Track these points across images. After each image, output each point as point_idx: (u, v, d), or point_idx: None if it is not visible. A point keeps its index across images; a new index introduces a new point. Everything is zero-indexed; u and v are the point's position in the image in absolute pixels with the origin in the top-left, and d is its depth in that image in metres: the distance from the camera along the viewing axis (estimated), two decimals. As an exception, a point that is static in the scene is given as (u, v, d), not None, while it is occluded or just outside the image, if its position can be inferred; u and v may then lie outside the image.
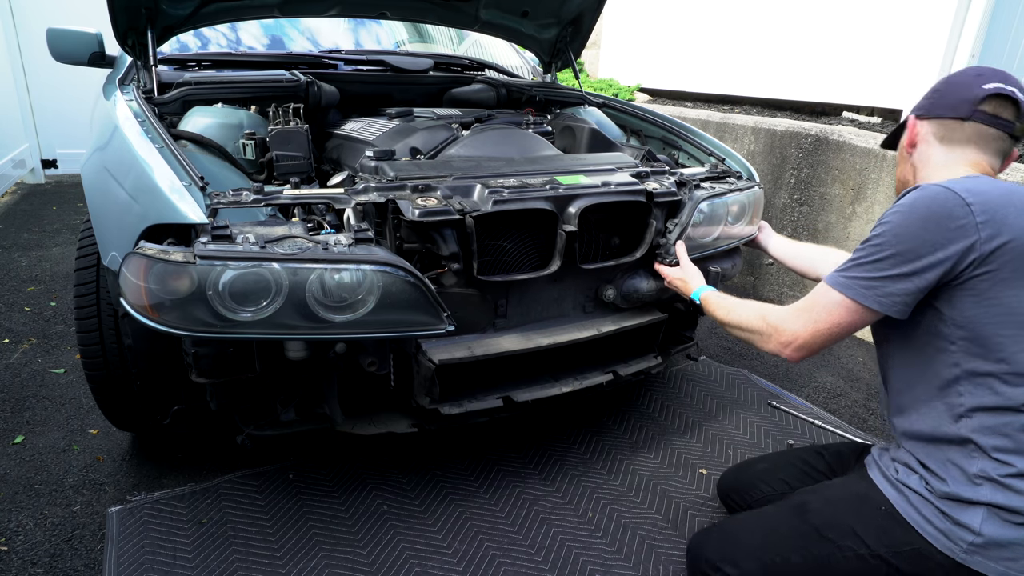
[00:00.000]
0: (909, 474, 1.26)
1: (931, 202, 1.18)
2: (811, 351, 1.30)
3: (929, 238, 1.16)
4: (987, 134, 1.28)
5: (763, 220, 2.08)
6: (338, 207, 1.51)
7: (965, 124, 1.29)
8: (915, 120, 1.38)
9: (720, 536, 1.42)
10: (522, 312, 1.77)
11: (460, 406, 1.66)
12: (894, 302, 1.20)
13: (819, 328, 1.27)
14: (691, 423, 2.22)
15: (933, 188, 1.19)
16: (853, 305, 1.23)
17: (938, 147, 1.33)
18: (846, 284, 1.24)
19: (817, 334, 1.28)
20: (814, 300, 1.28)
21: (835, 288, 1.25)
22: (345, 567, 1.56)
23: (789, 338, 1.30)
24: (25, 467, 1.91)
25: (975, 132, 1.29)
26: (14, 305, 3.02)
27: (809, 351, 1.30)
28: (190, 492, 1.80)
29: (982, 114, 1.27)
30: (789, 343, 1.30)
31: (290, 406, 1.63)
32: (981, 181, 1.21)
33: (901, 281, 1.18)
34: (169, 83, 2.02)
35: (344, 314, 1.35)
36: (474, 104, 2.55)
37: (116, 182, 1.54)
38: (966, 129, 1.29)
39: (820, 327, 1.27)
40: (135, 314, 1.29)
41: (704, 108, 4.57)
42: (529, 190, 1.62)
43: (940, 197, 1.17)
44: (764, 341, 1.35)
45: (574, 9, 2.59)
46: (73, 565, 1.57)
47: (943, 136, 1.33)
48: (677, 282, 1.73)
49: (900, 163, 1.43)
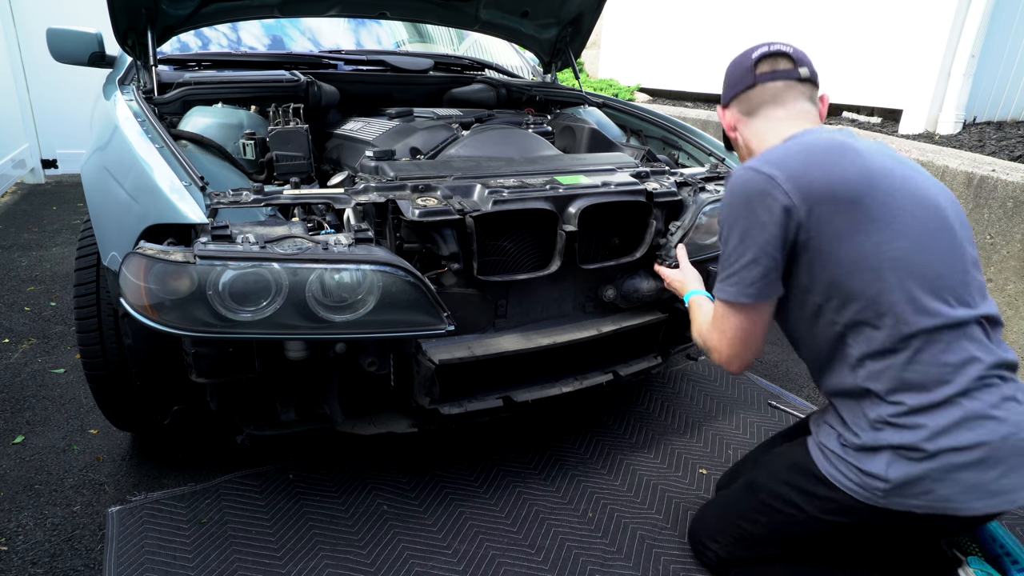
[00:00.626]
0: (829, 433, 1.34)
1: (742, 188, 1.28)
2: (742, 359, 1.37)
3: (753, 221, 1.26)
4: (776, 89, 1.39)
5: None
6: (338, 207, 1.51)
7: (754, 90, 1.41)
8: (722, 111, 1.52)
9: (701, 516, 1.60)
10: (522, 312, 1.77)
11: (460, 406, 1.66)
12: (759, 289, 1.28)
13: (730, 338, 1.35)
14: (691, 423, 2.22)
15: (739, 173, 1.30)
16: (736, 306, 1.31)
17: (749, 121, 1.45)
18: (720, 290, 1.33)
19: (732, 344, 1.35)
20: (714, 315, 1.38)
21: (718, 299, 1.35)
22: (345, 567, 1.56)
23: (717, 356, 1.39)
24: (25, 467, 1.91)
25: (765, 92, 1.40)
26: (14, 305, 3.02)
27: (741, 360, 1.37)
28: (190, 492, 1.80)
29: (764, 75, 1.39)
30: (721, 361, 1.39)
31: (290, 406, 1.63)
32: (787, 145, 1.30)
33: (752, 268, 1.27)
34: (169, 83, 2.02)
35: (344, 314, 1.35)
36: (474, 104, 2.55)
37: (116, 182, 1.54)
38: (758, 93, 1.41)
39: (729, 337, 1.35)
40: (135, 314, 1.29)
41: (704, 108, 4.57)
42: (529, 190, 1.62)
43: (747, 180, 1.27)
44: (713, 359, 1.43)
45: (574, 9, 2.59)
46: (73, 565, 1.57)
47: (747, 110, 1.44)
48: (675, 284, 1.73)
49: (739, 154, 1.55)
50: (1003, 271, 2.50)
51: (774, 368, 2.68)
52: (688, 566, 1.60)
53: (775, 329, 1.44)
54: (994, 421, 1.19)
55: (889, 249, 1.21)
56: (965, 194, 2.58)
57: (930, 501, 1.20)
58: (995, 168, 2.55)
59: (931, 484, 1.19)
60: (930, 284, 1.22)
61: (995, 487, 1.19)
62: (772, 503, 1.40)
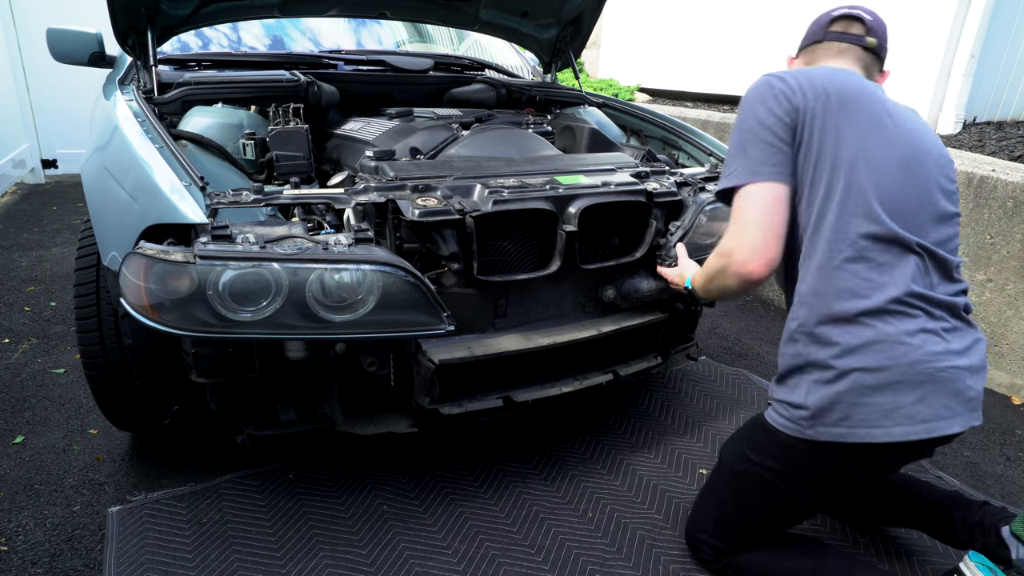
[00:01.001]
0: (772, 385, 1.41)
1: (755, 86, 1.35)
2: (765, 251, 1.27)
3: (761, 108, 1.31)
4: (839, 48, 1.46)
5: None
6: (338, 207, 1.51)
7: (821, 45, 1.49)
8: (791, 60, 1.61)
9: (693, 510, 1.62)
10: (522, 312, 1.77)
11: (460, 406, 1.66)
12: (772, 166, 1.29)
13: (753, 223, 1.28)
14: (691, 423, 2.22)
15: (755, 81, 1.36)
16: (757, 186, 1.29)
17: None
18: (735, 176, 1.32)
19: (751, 231, 1.28)
20: (733, 211, 1.34)
21: (735, 188, 1.32)
22: (345, 567, 1.56)
23: (738, 256, 1.29)
24: (25, 467, 1.91)
25: (830, 48, 1.47)
26: (14, 305, 3.02)
27: (763, 252, 1.27)
28: (190, 492, 1.80)
29: (833, 33, 1.46)
30: (745, 257, 1.28)
31: (290, 406, 1.63)
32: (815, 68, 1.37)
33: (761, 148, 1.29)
34: (169, 83, 2.02)
35: (344, 314, 1.35)
36: (474, 104, 2.55)
37: (116, 182, 1.54)
38: (823, 48, 1.48)
39: (753, 221, 1.28)
40: (135, 314, 1.29)
41: (704, 108, 4.57)
42: (529, 190, 1.62)
43: (760, 80, 1.36)
44: (726, 275, 1.34)
45: (574, 9, 2.59)
46: (73, 565, 1.57)
47: (808, 62, 1.52)
48: (676, 279, 1.73)
49: None
50: (1003, 271, 2.50)
51: (774, 368, 2.68)
52: (688, 566, 1.60)
53: (775, 328, 1.44)
54: (905, 346, 1.22)
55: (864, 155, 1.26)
56: (965, 194, 2.58)
57: (850, 427, 1.23)
58: (995, 168, 2.55)
59: (847, 408, 1.23)
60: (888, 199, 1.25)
61: (910, 412, 1.21)
62: (734, 467, 1.45)
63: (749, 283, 1.31)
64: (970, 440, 2.23)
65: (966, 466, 2.08)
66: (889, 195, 1.25)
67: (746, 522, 1.47)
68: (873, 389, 1.22)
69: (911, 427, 1.22)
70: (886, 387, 1.21)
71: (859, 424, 1.23)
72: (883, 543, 1.70)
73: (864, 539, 1.71)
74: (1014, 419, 2.38)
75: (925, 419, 1.22)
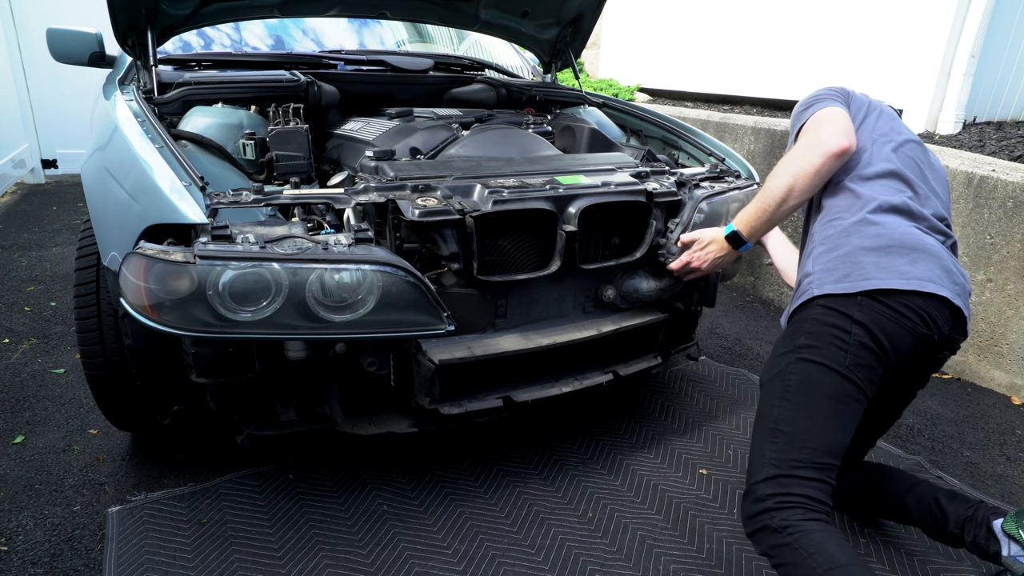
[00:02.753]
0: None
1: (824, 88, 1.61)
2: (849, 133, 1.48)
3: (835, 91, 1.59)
4: None
5: None
6: (338, 207, 1.51)
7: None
8: None
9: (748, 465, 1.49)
10: (522, 312, 1.77)
11: (460, 406, 1.66)
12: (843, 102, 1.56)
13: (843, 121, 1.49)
14: (691, 423, 2.22)
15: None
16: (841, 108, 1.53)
17: None
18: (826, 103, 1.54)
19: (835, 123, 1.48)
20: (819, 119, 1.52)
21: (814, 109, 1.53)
22: (345, 567, 1.56)
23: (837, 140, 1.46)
24: (25, 467, 1.91)
25: None
26: (14, 305, 3.02)
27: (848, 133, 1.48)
28: (190, 492, 1.80)
29: None
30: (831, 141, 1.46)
31: (290, 406, 1.63)
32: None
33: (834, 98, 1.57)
34: (169, 83, 2.02)
35: (344, 314, 1.35)
36: (474, 104, 2.55)
37: (116, 182, 1.54)
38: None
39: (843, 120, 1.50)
40: (135, 314, 1.29)
41: (704, 108, 4.57)
42: (529, 190, 1.62)
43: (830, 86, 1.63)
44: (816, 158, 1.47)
45: (574, 9, 2.59)
46: (73, 565, 1.57)
47: None
48: (707, 248, 1.72)
49: None
50: (1003, 271, 2.50)
51: (774, 368, 2.68)
52: (688, 566, 1.60)
53: (775, 328, 1.45)
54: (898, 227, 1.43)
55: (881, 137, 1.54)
56: (965, 194, 2.58)
57: (851, 281, 1.39)
58: (995, 168, 2.54)
59: (848, 268, 1.40)
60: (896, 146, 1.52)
61: (903, 270, 1.37)
62: (772, 375, 1.49)
63: (833, 157, 1.47)
64: (970, 440, 2.23)
65: (966, 466, 2.08)
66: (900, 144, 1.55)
67: (805, 426, 1.37)
68: (868, 251, 1.40)
69: (905, 280, 1.36)
70: (880, 249, 1.40)
71: (860, 278, 1.38)
72: (883, 543, 1.70)
73: (864, 539, 1.71)
74: (1014, 419, 2.38)
75: (918, 276, 1.37)
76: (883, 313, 1.37)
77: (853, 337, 1.38)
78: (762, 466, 1.39)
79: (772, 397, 1.47)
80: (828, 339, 1.40)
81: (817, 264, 1.46)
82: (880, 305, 1.37)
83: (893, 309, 1.37)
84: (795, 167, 1.49)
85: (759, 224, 1.59)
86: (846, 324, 1.38)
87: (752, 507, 1.38)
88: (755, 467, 1.43)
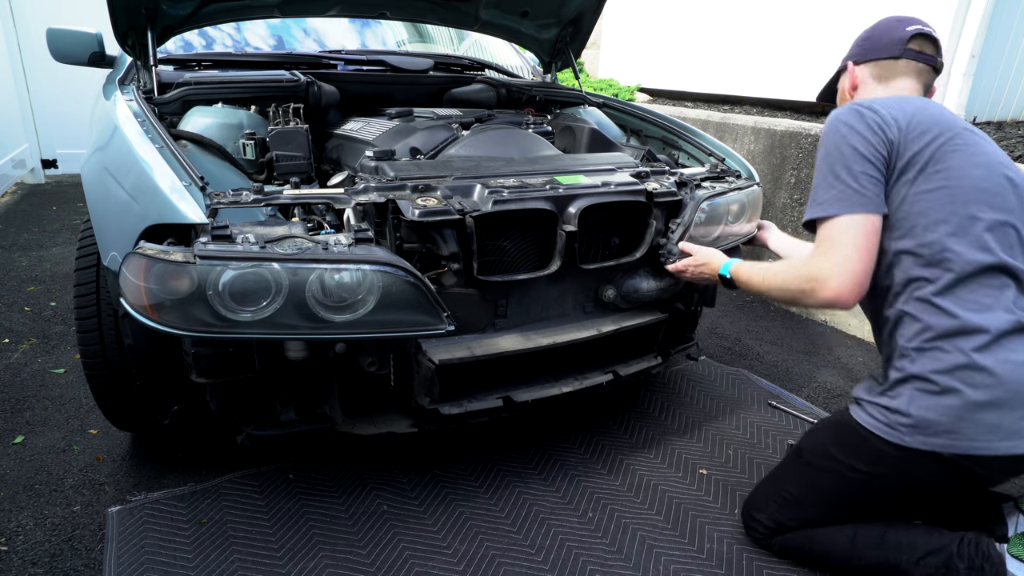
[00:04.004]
0: (865, 385, 1.45)
1: (843, 114, 1.37)
2: (859, 280, 1.32)
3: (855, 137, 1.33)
4: (917, 68, 1.48)
5: (766, 220, 2.08)
6: (338, 207, 1.51)
7: (899, 62, 1.48)
8: (853, 66, 1.55)
9: (753, 492, 1.67)
10: (522, 312, 1.77)
11: (460, 406, 1.66)
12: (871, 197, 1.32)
13: (848, 253, 1.31)
14: (691, 423, 2.22)
15: (841, 110, 1.39)
16: (854, 217, 1.31)
17: (876, 86, 1.51)
18: (831, 203, 1.34)
19: (849, 260, 1.31)
20: (824, 236, 1.36)
21: (829, 214, 1.34)
22: (345, 567, 1.56)
23: (833, 285, 1.31)
24: (25, 467, 1.91)
25: (907, 67, 1.48)
26: (14, 305, 3.02)
27: (858, 281, 1.31)
28: (190, 492, 1.80)
29: (911, 51, 1.47)
30: (833, 289, 1.32)
31: (290, 406, 1.63)
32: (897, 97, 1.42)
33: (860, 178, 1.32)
34: (169, 83, 2.02)
35: (344, 314, 1.35)
36: (474, 104, 2.55)
37: (116, 182, 1.54)
38: (899, 66, 1.48)
39: (849, 251, 1.31)
40: (135, 314, 1.29)
41: (704, 108, 4.57)
42: (529, 190, 1.62)
43: (847, 108, 1.38)
44: (811, 297, 1.38)
45: (574, 9, 2.59)
46: (73, 565, 1.57)
47: (880, 75, 1.51)
48: (701, 268, 1.72)
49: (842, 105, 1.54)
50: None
51: (774, 368, 2.68)
52: (688, 566, 1.60)
53: (775, 328, 1.45)
54: (1013, 364, 1.24)
55: (959, 185, 1.30)
56: (965, 194, 2.58)
57: (953, 440, 1.26)
58: (995, 168, 2.54)
59: (952, 422, 1.25)
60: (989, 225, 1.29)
61: (1016, 428, 1.23)
62: (814, 461, 1.48)
63: (830, 307, 1.41)
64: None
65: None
66: (994, 223, 1.30)
67: (810, 512, 1.51)
68: (980, 406, 1.24)
69: (1015, 441, 1.24)
70: (993, 405, 1.24)
71: (963, 438, 1.25)
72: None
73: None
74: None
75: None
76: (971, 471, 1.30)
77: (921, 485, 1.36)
78: (764, 508, 1.59)
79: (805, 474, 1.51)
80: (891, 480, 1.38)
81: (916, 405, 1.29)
82: (966, 465, 1.28)
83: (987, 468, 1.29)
84: (793, 289, 1.41)
85: (751, 286, 1.58)
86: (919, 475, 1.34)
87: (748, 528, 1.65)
88: (760, 501, 1.61)
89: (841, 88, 1.61)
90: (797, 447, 1.58)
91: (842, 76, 1.61)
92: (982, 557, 1.33)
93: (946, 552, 1.36)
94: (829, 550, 1.50)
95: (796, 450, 1.57)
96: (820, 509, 1.50)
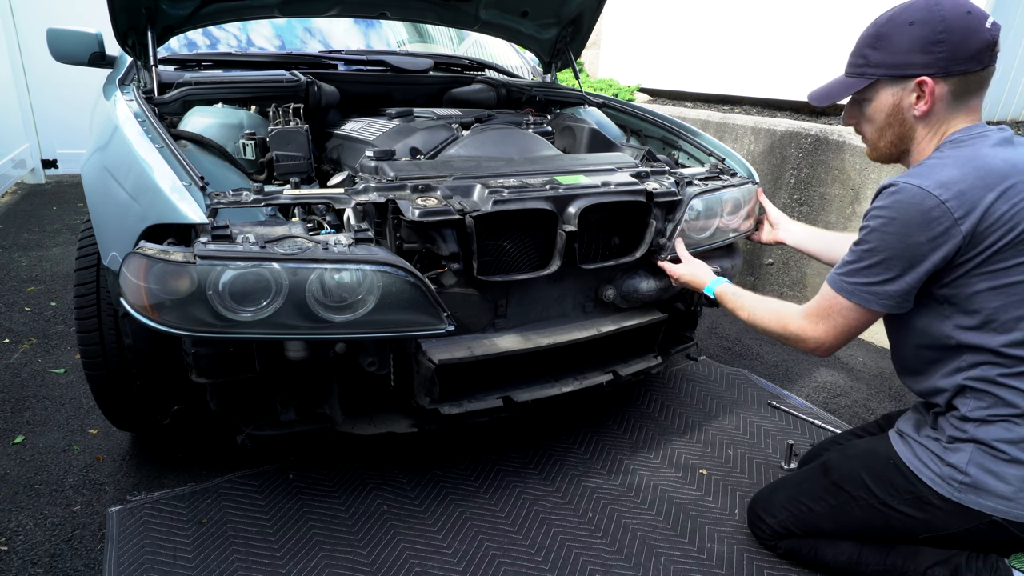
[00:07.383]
0: (915, 423, 1.40)
1: (909, 208, 1.18)
2: (836, 349, 1.40)
3: (914, 243, 1.19)
4: (988, 76, 1.21)
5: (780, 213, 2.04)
6: (338, 207, 1.51)
7: (984, 73, 1.20)
8: (933, 83, 1.22)
9: (766, 492, 1.65)
10: (522, 312, 1.77)
11: (460, 406, 1.66)
12: (896, 302, 1.28)
13: (839, 332, 1.36)
14: (691, 423, 2.22)
15: (910, 191, 1.18)
16: (861, 309, 1.31)
17: (953, 109, 1.23)
18: (851, 291, 1.31)
19: (838, 337, 1.37)
20: (826, 306, 1.36)
21: (841, 295, 1.33)
22: (345, 567, 1.56)
23: (814, 345, 1.40)
24: (25, 467, 1.91)
25: (985, 79, 1.21)
26: (14, 305, 3.02)
27: (834, 349, 1.40)
28: (190, 492, 1.80)
29: (993, 57, 1.19)
30: (816, 348, 1.41)
31: (290, 406, 1.63)
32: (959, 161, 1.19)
33: (896, 283, 1.25)
34: (169, 83, 2.02)
35: (344, 314, 1.35)
36: (474, 104, 2.55)
37: (116, 182, 1.54)
38: (983, 78, 1.21)
39: (839, 331, 1.36)
40: (135, 314, 1.29)
41: (704, 108, 4.57)
42: (529, 190, 1.62)
43: (917, 202, 1.17)
44: (793, 343, 1.45)
45: (574, 9, 2.59)
46: (73, 565, 1.57)
47: (959, 92, 1.21)
48: (687, 278, 1.74)
49: (889, 129, 1.32)
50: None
51: (774, 368, 2.68)
52: (688, 566, 1.60)
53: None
54: None
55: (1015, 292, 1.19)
56: (965, 194, 2.58)
57: (1009, 507, 1.23)
58: (995, 168, 2.54)
59: (1015, 491, 1.22)
60: None
61: None
62: (844, 485, 1.43)
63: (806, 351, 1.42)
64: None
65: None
66: None
67: (824, 527, 1.50)
68: None
69: None
70: None
71: (1019, 507, 1.23)
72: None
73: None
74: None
75: None
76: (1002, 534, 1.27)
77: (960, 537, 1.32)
78: (774, 514, 1.57)
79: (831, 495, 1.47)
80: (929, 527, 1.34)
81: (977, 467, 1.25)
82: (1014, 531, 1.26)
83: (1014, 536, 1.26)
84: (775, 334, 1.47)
85: (735, 314, 1.60)
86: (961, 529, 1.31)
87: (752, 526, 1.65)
88: (771, 505, 1.59)
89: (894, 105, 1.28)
90: (826, 462, 1.52)
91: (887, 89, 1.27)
92: (991, 569, 1.32)
93: (954, 563, 1.35)
94: (835, 557, 1.50)
95: (824, 465, 1.52)
96: (836, 528, 1.48)
